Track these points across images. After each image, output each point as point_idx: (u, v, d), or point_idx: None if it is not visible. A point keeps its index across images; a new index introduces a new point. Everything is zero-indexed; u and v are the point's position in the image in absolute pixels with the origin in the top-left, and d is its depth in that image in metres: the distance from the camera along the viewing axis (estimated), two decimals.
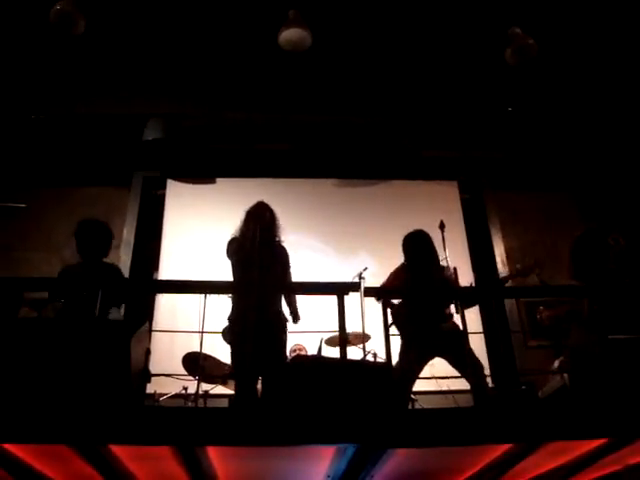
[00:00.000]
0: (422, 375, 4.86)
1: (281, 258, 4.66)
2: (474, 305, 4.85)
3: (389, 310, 4.66)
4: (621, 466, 3.73)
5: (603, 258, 4.80)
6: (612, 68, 6.47)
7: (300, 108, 6.79)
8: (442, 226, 5.10)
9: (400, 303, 4.86)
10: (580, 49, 6.30)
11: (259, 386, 4.47)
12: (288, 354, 5.62)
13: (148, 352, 3.88)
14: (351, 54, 6.29)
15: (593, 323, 3.97)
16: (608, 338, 3.42)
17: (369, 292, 4.00)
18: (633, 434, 3.16)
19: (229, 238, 4.70)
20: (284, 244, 4.73)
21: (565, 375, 4.69)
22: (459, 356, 4.45)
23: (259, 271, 4.44)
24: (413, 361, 4.62)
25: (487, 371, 6.05)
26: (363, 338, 4.73)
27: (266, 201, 4.83)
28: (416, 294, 4.86)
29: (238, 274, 4.62)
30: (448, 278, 4.90)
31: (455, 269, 4.97)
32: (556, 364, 5.40)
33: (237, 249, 4.59)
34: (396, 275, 5.05)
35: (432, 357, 4.72)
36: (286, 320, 4.52)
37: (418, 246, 5.01)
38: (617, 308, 4.46)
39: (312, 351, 5.64)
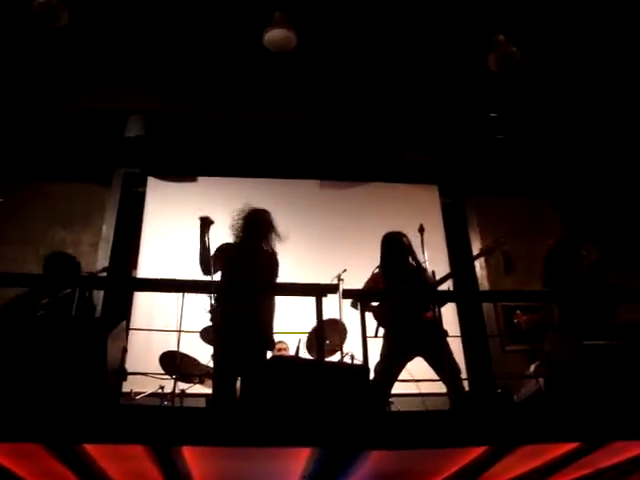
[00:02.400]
0: (400, 377, 4.88)
1: (271, 265, 4.68)
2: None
3: (372, 314, 4.70)
4: (592, 470, 3.77)
5: (575, 268, 4.87)
6: (592, 76, 6.55)
7: (283, 108, 6.80)
8: (421, 229, 5.12)
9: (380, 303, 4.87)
10: (561, 57, 6.38)
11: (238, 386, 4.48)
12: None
13: (125, 350, 3.85)
14: (335, 56, 6.31)
15: (564, 329, 4.02)
16: (581, 344, 3.45)
17: (348, 294, 4.01)
18: (603, 439, 3.20)
19: (223, 242, 4.70)
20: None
21: (540, 380, 4.75)
22: (438, 351, 4.47)
23: (253, 276, 4.47)
24: (395, 358, 4.63)
25: (464, 374, 6.11)
26: (341, 340, 4.75)
27: (247, 201, 4.83)
28: (392, 295, 4.87)
29: (230, 277, 4.63)
30: (427, 279, 4.92)
31: (433, 272, 4.99)
32: (532, 368, 5.47)
33: (234, 255, 4.59)
34: (374, 279, 5.05)
35: (413, 352, 4.72)
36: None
37: (391, 248, 5.03)
38: (588, 315, 4.53)
39: (293, 350, 5.65)
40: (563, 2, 5.80)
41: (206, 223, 4.67)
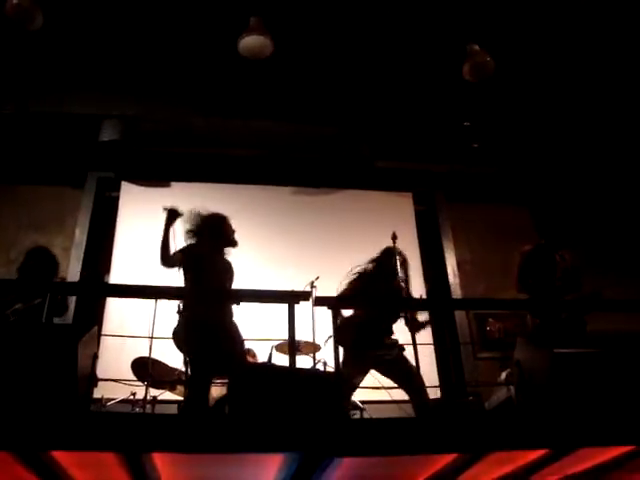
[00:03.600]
0: (371, 384, 4.90)
1: (230, 270, 4.68)
2: (424, 328, 4.87)
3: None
4: (559, 476, 3.82)
5: (550, 274, 4.93)
6: (566, 84, 6.66)
7: (258, 115, 6.80)
8: (394, 237, 5.14)
9: (350, 316, 4.85)
10: (537, 65, 6.47)
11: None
12: None
13: (96, 356, 3.82)
14: (311, 63, 6.34)
15: (537, 337, 4.07)
16: (551, 352, 3.50)
17: (321, 301, 4.01)
18: (571, 446, 3.25)
19: (181, 246, 4.67)
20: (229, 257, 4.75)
21: (511, 387, 4.80)
22: (400, 378, 4.53)
23: (218, 281, 4.46)
24: (354, 371, 4.63)
25: (436, 382, 6.15)
26: (313, 347, 4.75)
27: (220, 207, 4.82)
28: (366, 303, 4.87)
29: (195, 282, 4.60)
30: (400, 289, 4.94)
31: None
32: (503, 376, 5.51)
33: (196, 260, 4.57)
34: (354, 284, 5.02)
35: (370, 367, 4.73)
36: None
37: (392, 262, 5.02)
38: (560, 324, 4.59)
39: (262, 357, 5.63)
40: (537, 12, 5.89)
41: (173, 215, 4.61)
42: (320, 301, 4.03)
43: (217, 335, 4.26)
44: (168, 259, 4.47)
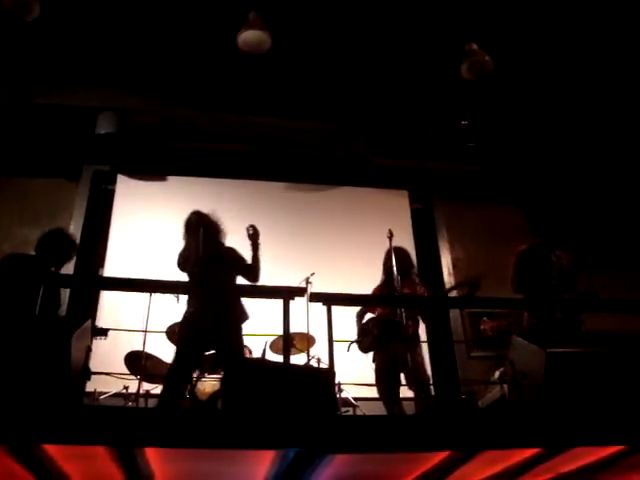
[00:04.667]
0: (365, 382, 4.91)
1: (230, 259, 4.68)
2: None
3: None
4: (552, 475, 3.82)
5: (546, 274, 4.93)
6: (562, 84, 6.67)
7: (254, 110, 6.79)
8: (390, 235, 5.16)
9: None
10: (534, 66, 6.48)
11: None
12: None
13: (89, 350, 3.80)
14: (309, 59, 6.34)
15: (532, 336, 4.07)
16: (545, 351, 3.50)
17: (316, 297, 4.01)
18: (564, 445, 3.25)
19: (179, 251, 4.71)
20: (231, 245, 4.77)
21: (505, 386, 4.80)
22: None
23: (213, 275, 4.47)
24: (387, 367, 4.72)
25: (430, 380, 6.15)
26: (308, 342, 4.74)
27: (216, 201, 4.84)
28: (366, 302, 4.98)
29: (194, 280, 4.63)
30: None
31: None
32: (496, 375, 5.53)
33: (186, 261, 4.60)
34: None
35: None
36: (246, 318, 4.54)
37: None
38: (555, 322, 4.60)
39: (257, 353, 5.63)
40: (535, 11, 5.89)
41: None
42: (315, 297, 4.02)
43: (211, 330, 4.26)
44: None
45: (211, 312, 4.37)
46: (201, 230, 4.59)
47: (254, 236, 4.68)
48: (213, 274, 4.52)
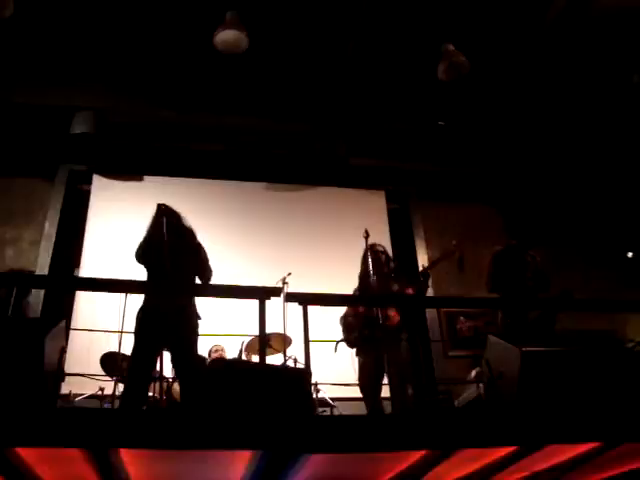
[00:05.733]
0: (343, 381, 4.91)
1: (191, 248, 4.63)
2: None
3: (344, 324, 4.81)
4: (528, 473, 3.86)
5: (520, 274, 4.99)
6: (539, 85, 6.74)
7: (233, 110, 6.77)
8: (367, 235, 5.16)
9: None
10: (510, 67, 6.54)
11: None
12: (208, 355, 5.60)
13: (63, 351, 3.76)
14: (287, 59, 6.34)
15: (507, 335, 4.11)
16: (520, 350, 3.53)
17: (292, 297, 4.00)
18: (539, 442, 3.29)
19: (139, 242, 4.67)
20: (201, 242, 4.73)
21: (481, 385, 4.84)
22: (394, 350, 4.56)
23: (170, 268, 4.41)
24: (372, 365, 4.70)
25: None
26: (284, 343, 4.74)
27: (193, 201, 4.80)
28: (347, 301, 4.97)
29: (150, 272, 4.60)
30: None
31: None
32: (473, 374, 5.57)
33: (146, 250, 4.56)
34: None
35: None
36: (198, 318, 4.48)
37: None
38: (530, 322, 4.65)
39: (231, 352, 5.62)
40: (510, 13, 5.94)
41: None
42: (291, 297, 4.01)
43: (165, 324, 4.21)
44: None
45: (169, 309, 4.29)
46: (164, 219, 4.53)
47: None
48: (174, 267, 4.42)
